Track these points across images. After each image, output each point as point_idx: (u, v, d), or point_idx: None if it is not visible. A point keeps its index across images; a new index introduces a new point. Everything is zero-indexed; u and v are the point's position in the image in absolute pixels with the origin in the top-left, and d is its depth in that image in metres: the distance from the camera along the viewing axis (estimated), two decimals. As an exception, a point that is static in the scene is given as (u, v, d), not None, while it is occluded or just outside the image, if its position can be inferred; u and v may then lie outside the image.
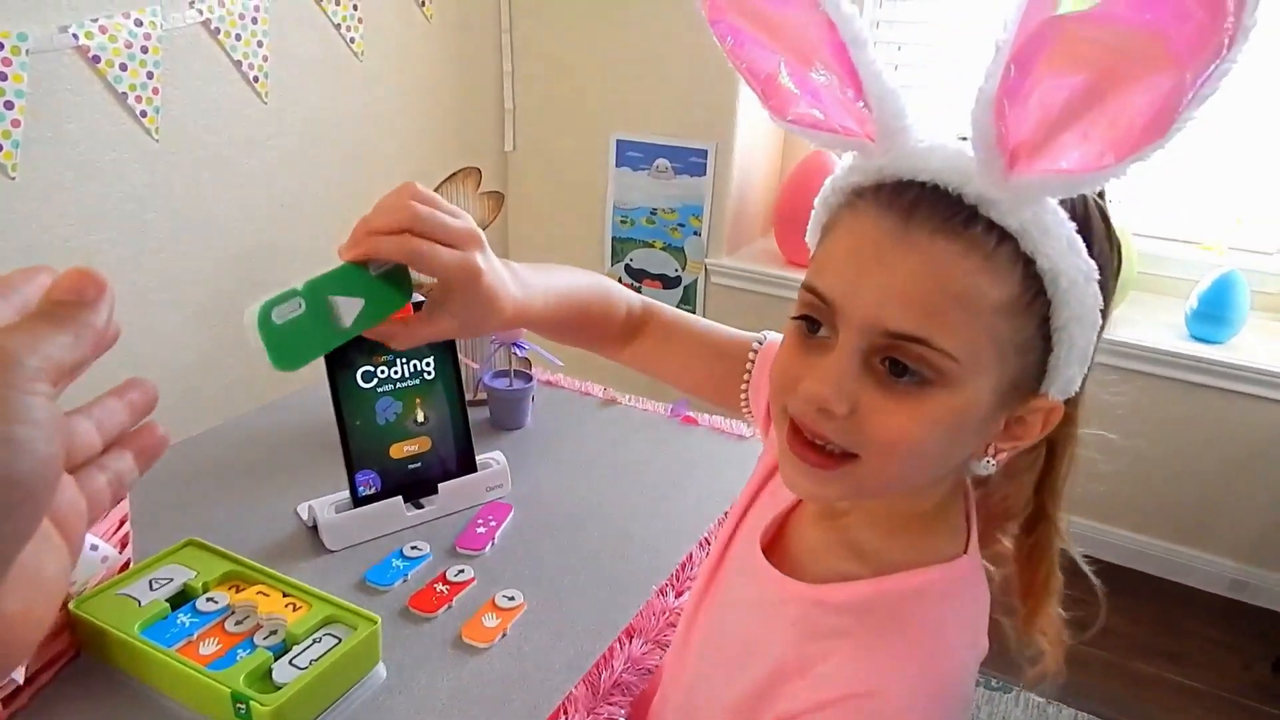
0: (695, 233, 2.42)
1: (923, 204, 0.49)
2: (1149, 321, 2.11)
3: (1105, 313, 0.51)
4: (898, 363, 0.50)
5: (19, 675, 0.70)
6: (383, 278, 0.54)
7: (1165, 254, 2.22)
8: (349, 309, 0.51)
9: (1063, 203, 0.49)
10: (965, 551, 0.59)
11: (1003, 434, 0.55)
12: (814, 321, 0.54)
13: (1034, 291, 0.49)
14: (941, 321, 0.48)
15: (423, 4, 2.16)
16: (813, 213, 0.59)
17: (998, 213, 0.48)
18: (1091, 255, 0.49)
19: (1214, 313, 2.01)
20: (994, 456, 0.56)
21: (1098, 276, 0.49)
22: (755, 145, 2.40)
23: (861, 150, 0.54)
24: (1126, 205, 2.18)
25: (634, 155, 2.43)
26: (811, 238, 0.60)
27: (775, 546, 0.67)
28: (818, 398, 0.51)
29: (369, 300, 0.52)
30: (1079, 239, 0.49)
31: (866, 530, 0.61)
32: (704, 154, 2.32)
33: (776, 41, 0.55)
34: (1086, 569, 0.64)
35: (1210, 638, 2.07)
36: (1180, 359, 2.01)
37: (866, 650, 0.56)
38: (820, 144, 0.56)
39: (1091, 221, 0.51)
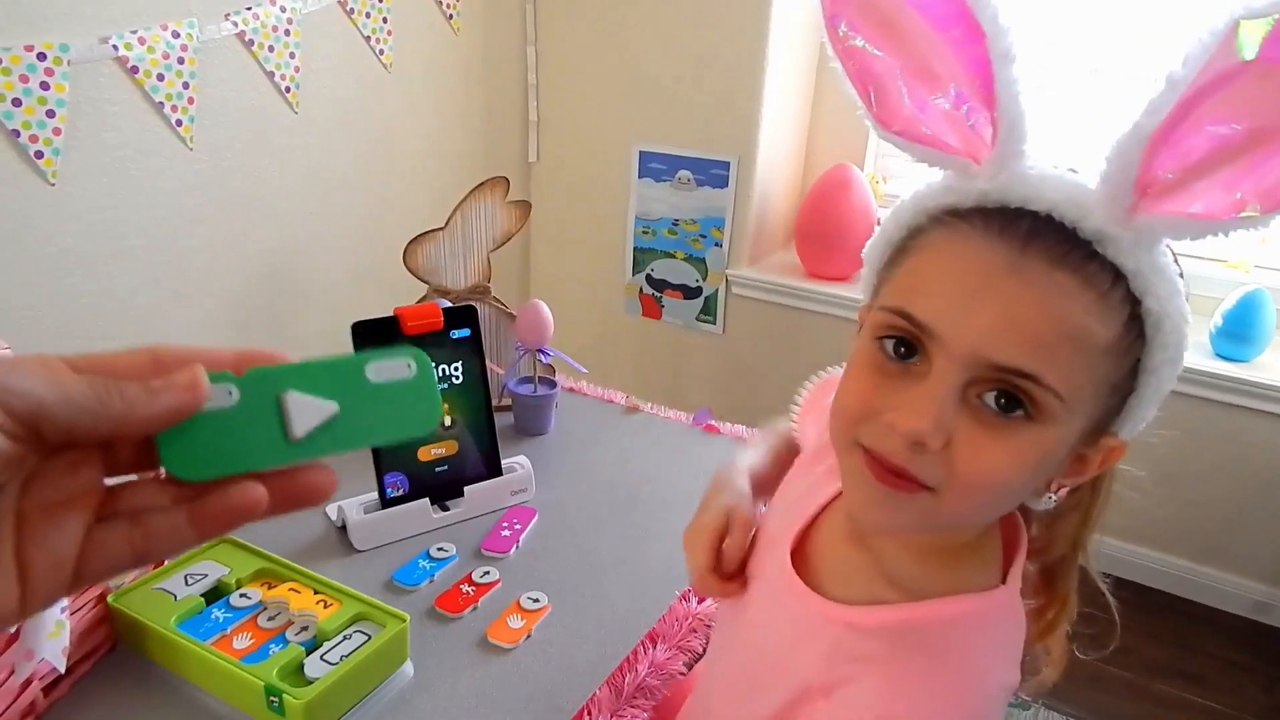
0: (717, 244, 2.43)
1: (1040, 235, 0.46)
2: (1172, 339, 2.09)
3: None
4: (998, 396, 0.47)
5: (60, 665, 0.72)
6: (391, 385, 0.36)
7: (1190, 271, 2.11)
8: (307, 415, 0.34)
9: None
10: (1003, 582, 0.57)
11: (1064, 470, 0.53)
12: (897, 347, 0.50)
13: (1135, 333, 0.48)
14: (1052, 358, 0.46)
15: (450, 17, 2.19)
16: (879, 228, 0.56)
17: (1115, 250, 0.46)
18: None
19: (1239, 331, 1.99)
20: (1055, 492, 0.55)
21: (1190, 319, 0.49)
22: (777, 158, 2.41)
23: (963, 170, 0.51)
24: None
25: (656, 167, 2.45)
26: (875, 254, 0.57)
27: (798, 559, 0.65)
28: (916, 433, 0.47)
29: (348, 410, 0.35)
30: (1181, 282, 0.48)
31: (900, 555, 0.58)
32: (726, 166, 2.34)
33: (898, 45, 0.51)
34: (1106, 592, 0.63)
35: (1231, 660, 2.05)
36: (1205, 377, 1.99)
37: (894, 678, 0.54)
38: (919, 158, 0.53)
39: (1177, 263, 0.49)
